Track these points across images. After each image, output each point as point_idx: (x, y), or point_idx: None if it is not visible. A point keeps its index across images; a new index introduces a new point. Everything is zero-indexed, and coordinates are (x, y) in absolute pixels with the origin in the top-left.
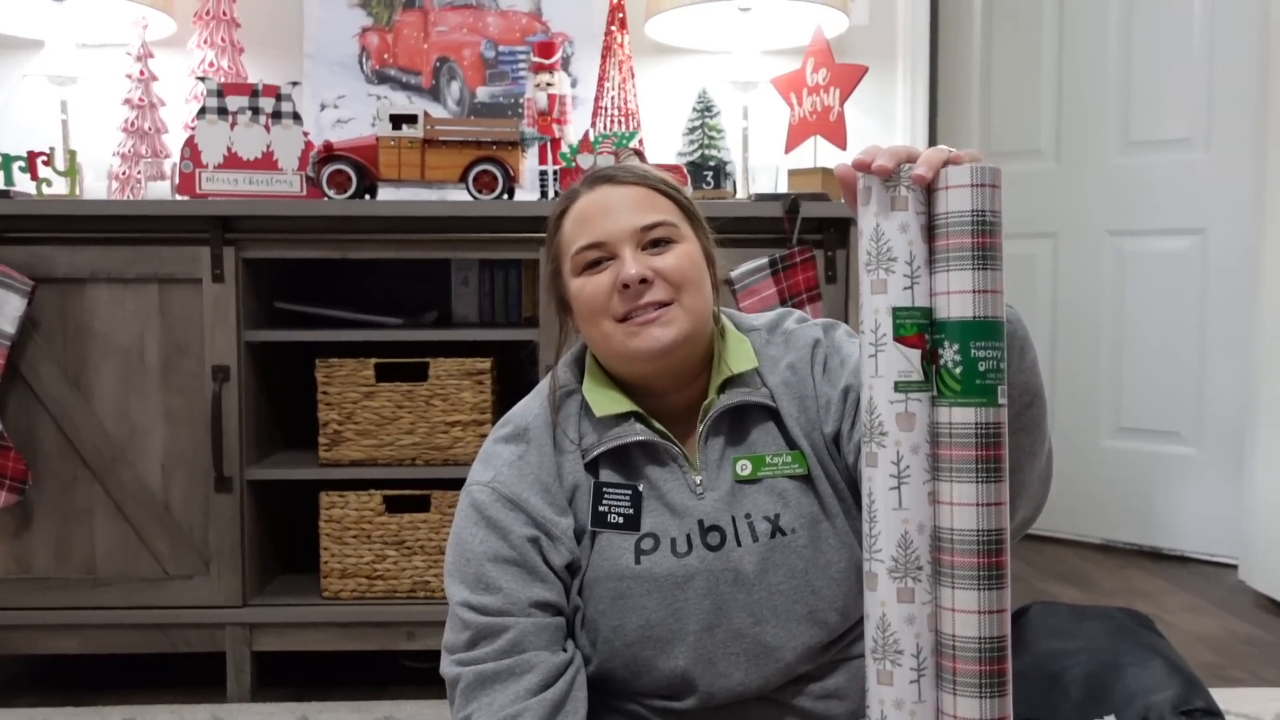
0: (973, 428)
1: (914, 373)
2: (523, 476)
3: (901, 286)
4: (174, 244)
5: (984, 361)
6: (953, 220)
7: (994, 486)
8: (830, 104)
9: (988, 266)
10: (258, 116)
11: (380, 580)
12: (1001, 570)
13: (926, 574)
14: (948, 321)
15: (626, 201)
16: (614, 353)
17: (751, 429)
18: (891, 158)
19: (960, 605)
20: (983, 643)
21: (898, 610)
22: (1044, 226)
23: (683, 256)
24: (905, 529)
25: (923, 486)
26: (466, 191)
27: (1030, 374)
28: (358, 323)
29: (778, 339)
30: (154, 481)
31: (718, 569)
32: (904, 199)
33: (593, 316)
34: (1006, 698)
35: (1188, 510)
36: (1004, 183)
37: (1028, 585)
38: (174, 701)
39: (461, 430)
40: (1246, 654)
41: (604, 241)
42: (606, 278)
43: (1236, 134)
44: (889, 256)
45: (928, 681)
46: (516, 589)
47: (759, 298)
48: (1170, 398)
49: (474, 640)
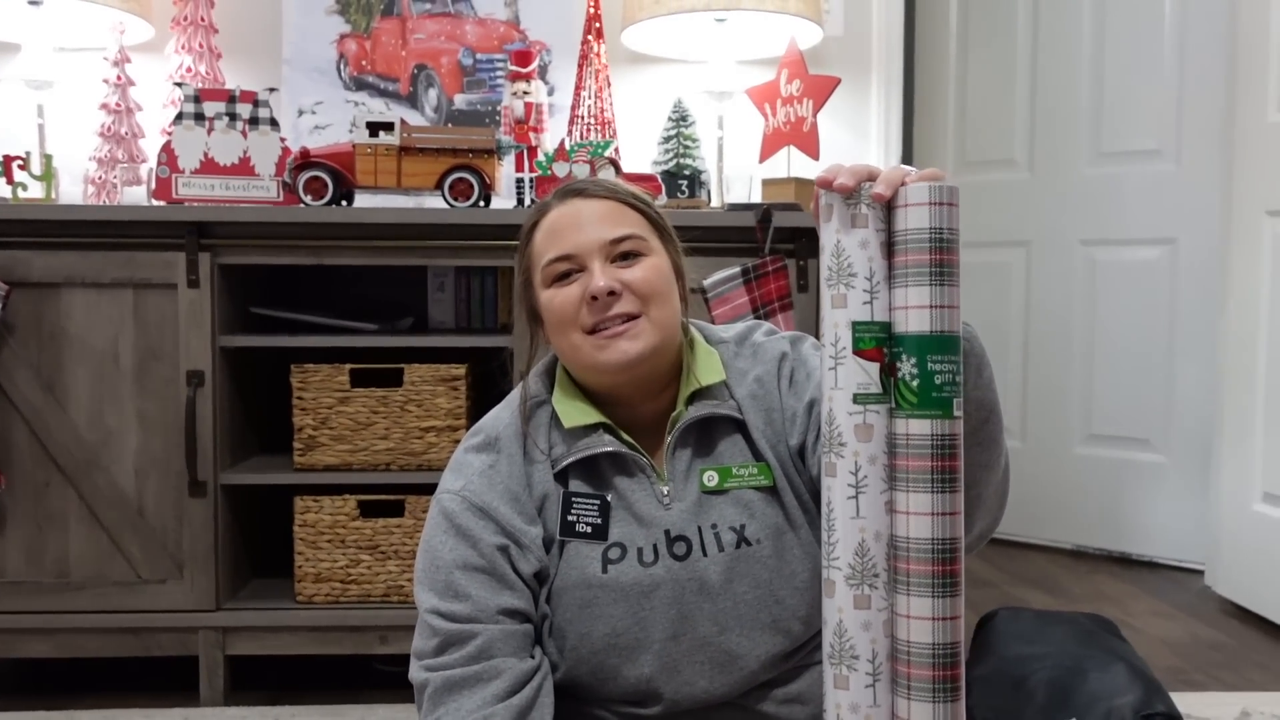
0: (929, 439)
1: (872, 385)
2: (493, 485)
3: (861, 301)
4: (150, 249)
5: (940, 375)
6: (911, 237)
7: (949, 496)
8: (804, 115)
9: (945, 282)
10: (235, 122)
11: (354, 585)
12: (955, 578)
13: (883, 581)
14: (906, 336)
15: (595, 214)
16: (582, 364)
17: (719, 441)
18: (853, 176)
19: (915, 612)
20: (937, 649)
21: (854, 616)
22: (1017, 235)
23: (651, 269)
24: (862, 537)
25: (880, 496)
26: (442, 199)
27: (986, 390)
28: (333, 328)
29: (746, 351)
30: (128, 486)
31: (683, 578)
32: (864, 216)
33: (562, 327)
34: (960, 703)
35: (1156, 516)
36: (978, 193)
37: (999, 590)
38: (147, 705)
39: (436, 436)
40: (1210, 659)
41: (573, 254)
42: (575, 290)
43: (1205, 146)
44: (849, 272)
45: (883, 686)
46: (485, 596)
47: (731, 306)
48: (1140, 405)
49: (442, 646)
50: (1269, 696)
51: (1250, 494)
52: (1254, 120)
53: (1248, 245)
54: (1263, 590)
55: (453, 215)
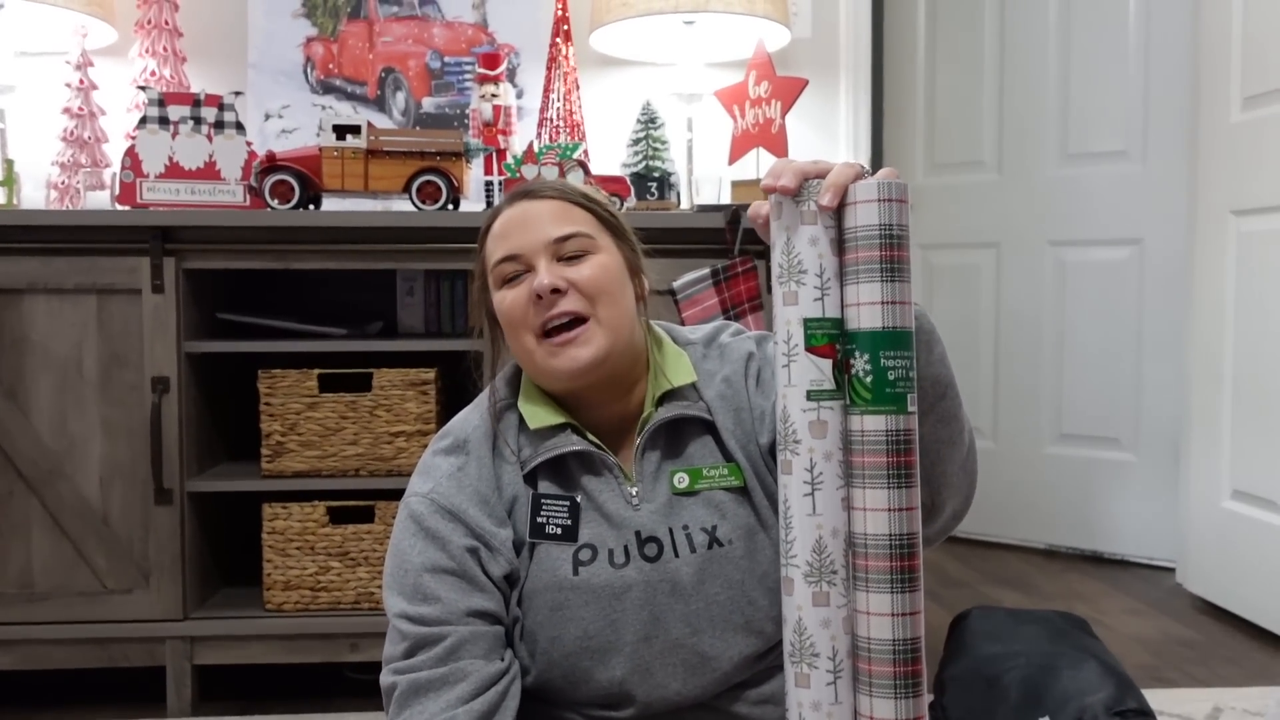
0: (884, 435)
1: (826, 382)
2: (461, 488)
3: (812, 298)
4: (113, 254)
5: (894, 370)
6: (861, 234)
7: (905, 492)
8: (772, 116)
9: (896, 279)
10: (200, 126)
11: (324, 592)
12: (914, 574)
13: (841, 578)
14: (858, 332)
15: (542, 214)
16: (537, 369)
17: (689, 442)
18: (795, 176)
19: (875, 609)
20: (897, 645)
21: (813, 614)
22: (987, 237)
23: (598, 267)
24: (819, 534)
25: (836, 492)
26: (410, 202)
27: (940, 366)
28: (301, 333)
29: (713, 352)
30: (92, 494)
31: (655, 580)
32: (812, 213)
33: (513, 329)
34: (921, 698)
35: (1127, 515)
36: (947, 194)
37: (971, 590)
38: (114, 717)
39: (406, 441)
40: (1181, 655)
41: (519, 253)
42: (523, 290)
43: (1170, 147)
44: (799, 269)
45: (844, 683)
46: (455, 599)
47: (701, 308)
48: (1109, 405)
49: (411, 650)
50: (1240, 692)
51: (1219, 491)
52: (1218, 120)
53: (1213, 244)
54: (1233, 587)
55: (421, 218)
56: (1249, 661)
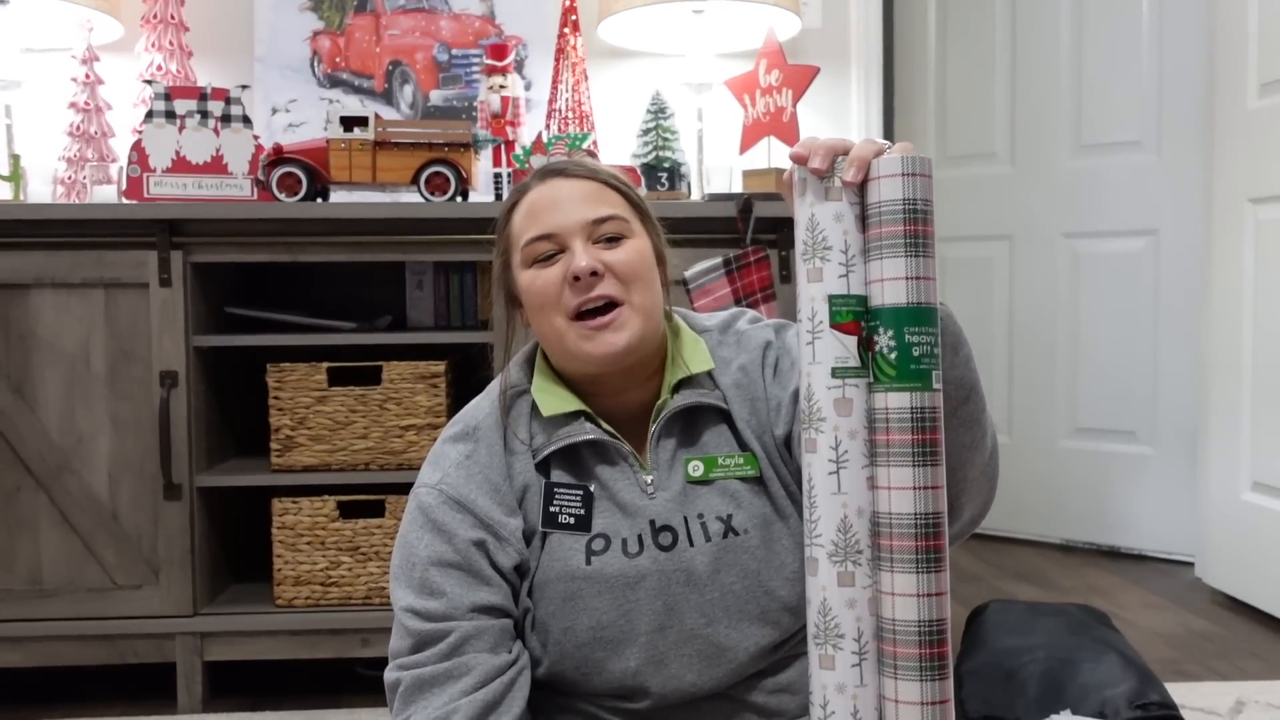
0: (908, 412)
1: (850, 359)
2: (470, 477)
3: (837, 275)
4: (120, 248)
5: (918, 347)
6: (885, 209)
7: (930, 470)
8: (783, 105)
9: (920, 254)
10: (207, 120)
11: (334, 587)
12: (939, 554)
13: (866, 558)
14: (882, 309)
15: (577, 194)
16: (566, 351)
17: (704, 430)
18: (826, 155)
19: (900, 589)
20: (922, 626)
21: (838, 594)
22: (1000, 229)
23: (633, 252)
24: (844, 513)
25: (861, 471)
26: (419, 194)
27: (965, 369)
28: (310, 327)
29: (729, 340)
30: (101, 490)
31: (669, 569)
32: (838, 189)
33: (544, 310)
34: (947, 680)
35: (1145, 509)
36: (960, 186)
37: (987, 585)
38: (123, 714)
39: (416, 434)
40: (1202, 649)
41: (554, 233)
42: (557, 271)
43: (1185, 136)
44: (824, 245)
45: (869, 665)
46: (460, 593)
47: (713, 297)
48: (1125, 397)
49: (417, 646)
50: (1263, 686)
51: (1239, 483)
52: (1234, 107)
53: (1230, 233)
54: (1254, 580)
55: (429, 210)
56: (1272, 655)
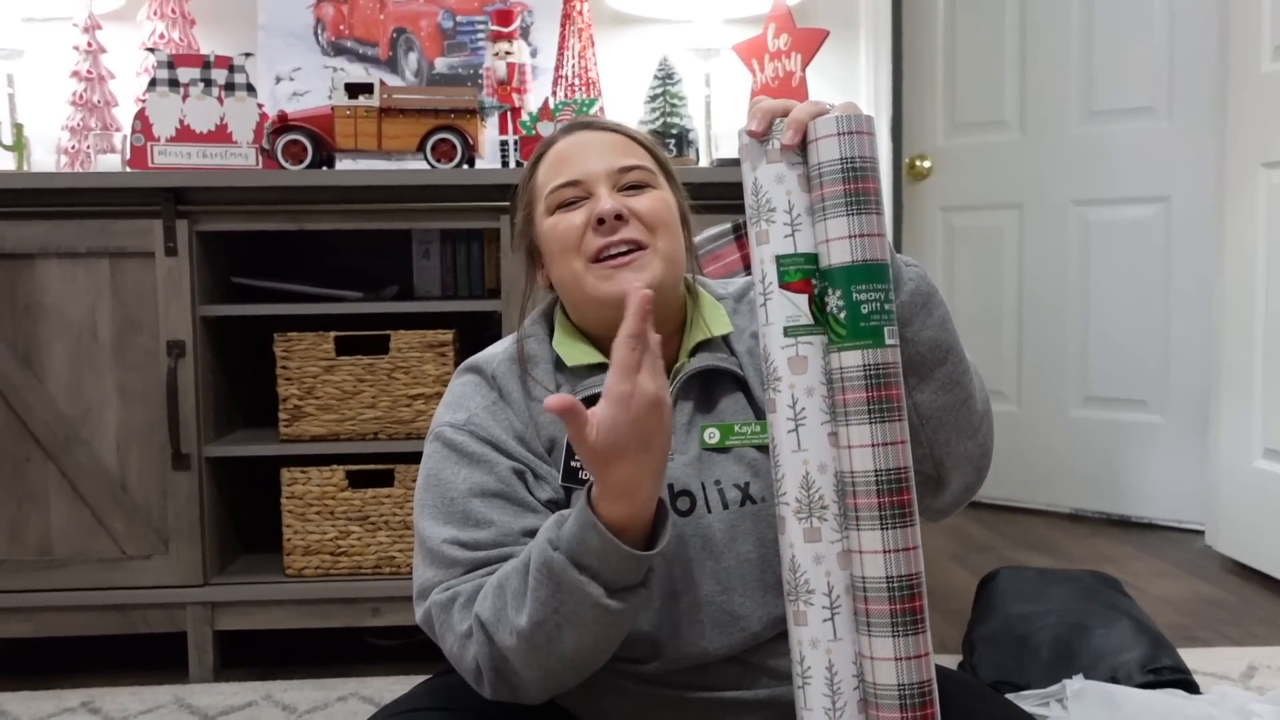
0: (862, 369)
1: (801, 317)
2: (498, 422)
3: (783, 235)
4: (125, 217)
5: (867, 304)
6: (825, 170)
7: (889, 426)
8: (792, 69)
9: (863, 211)
10: (210, 88)
11: (344, 556)
12: (905, 509)
13: (833, 513)
14: (830, 269)
15: (604, 144)
16: (585, 295)
17: (720, 397)
18: (764, 118)
19: (866, 546)
20: (891, 582)
21: (806, 550)
22: (1010, 197)
23: (658, 200)
24: (806, 470)
25: (821, 428)
26: (425, 160)
27: (939, 330)
28: (317, 297)
29: (744, 308)
30: (109, 460)
31: (687, 534)
32: (777, 151)
33: (564, 254)
34: (921, 635)
35: (1155, 478)
36: (970, 155)
37: (997, 554)
38: (135, 683)
39: (424, 403)
40: (1213, 616)
41: (580, 180)
42: (580, 215)
43: (1198, 102)
44: (769, 207)
45: (843, 619)
46: (508, 520)
47: (723, 263)
48: (1136, 366)
49: (469, 569)
50: (1275, 651)
51: (1250, 451)
52: (1248, 71)
53: (1243, 199)
54: (1265, 547)
55: (436, 177)
56: None
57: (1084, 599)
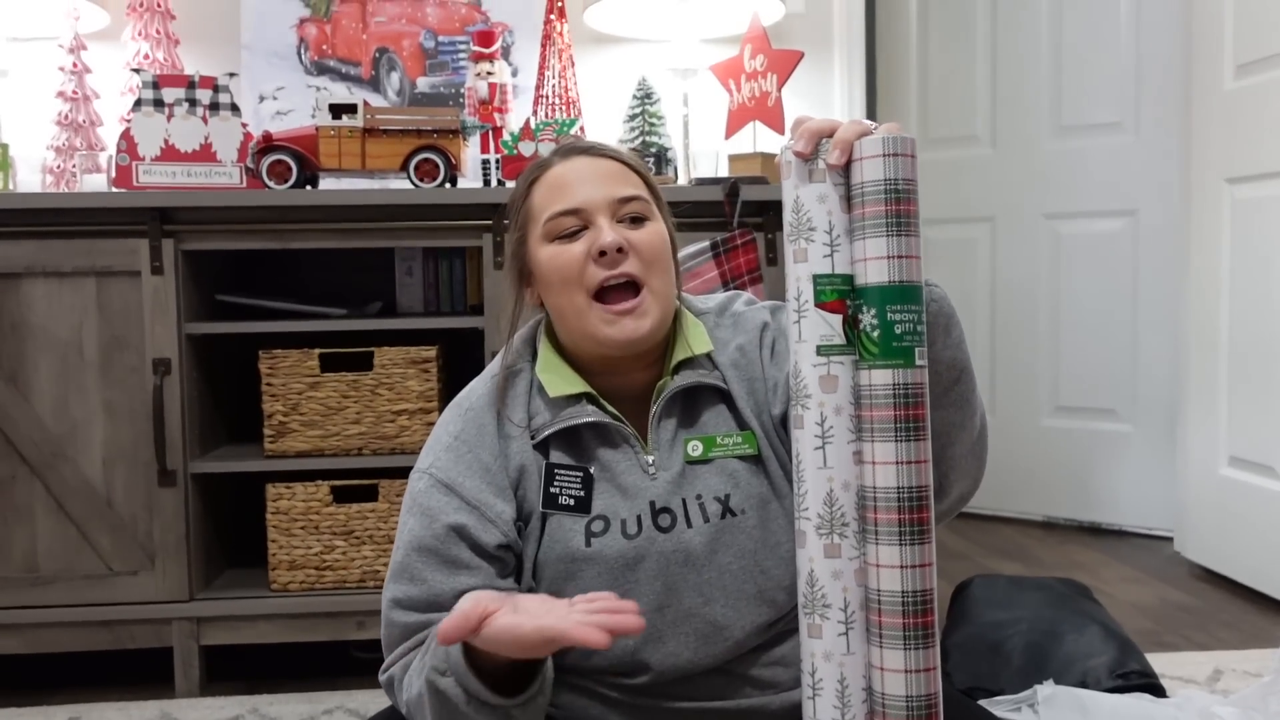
0: (891, 389)
1: (835, 337)
2: (460, 458)
3: (821, 255)
4: (111, 236)
5: (900, 324)
6: (868, 189)
7: (913, 445)
8: (768, 90)
9: (902, 233)
10: (195, 108)
11: (329, 571)
12: (924, 525)
13: (853, 530)
14: (866, 288)
15: (602, 172)
16: (585, 332)
17: (703, 410)
18: (811, 138)
19: (884, 561)
20: (906, 596)
21: (825, 565)
22: (982, 211)
23: (655, 235)
24: (830, 487)
25: (847, 446)
26: (408, 180)
27: (956, 350)
28: (301, 314)
29: (726, 321)
30: (95, 477)
31: (668, 550)
32: (821, 171)
33: (565, 286)
34: (932, 650)
35: (1125, 486)
36: (942, 169)
37: (971, 562)
38: (121, 699)
39: (408, 419)
40: (1181, 620)
41: (580, 208)
42: (580, 246)
43: (1164, 117)
44: (809, 226)
45: (856, 634)
46: (440, 580)
47: (701, 280)
48: (1106, 376)
49: (405, 636)
50: (1240, 654)
51: (1216, 459)
52: (1211, 88)
53: (1207, 213)
54: (1231, 553)
55: (419, 196)
56: (1248, 625)
57: (1055, 606)
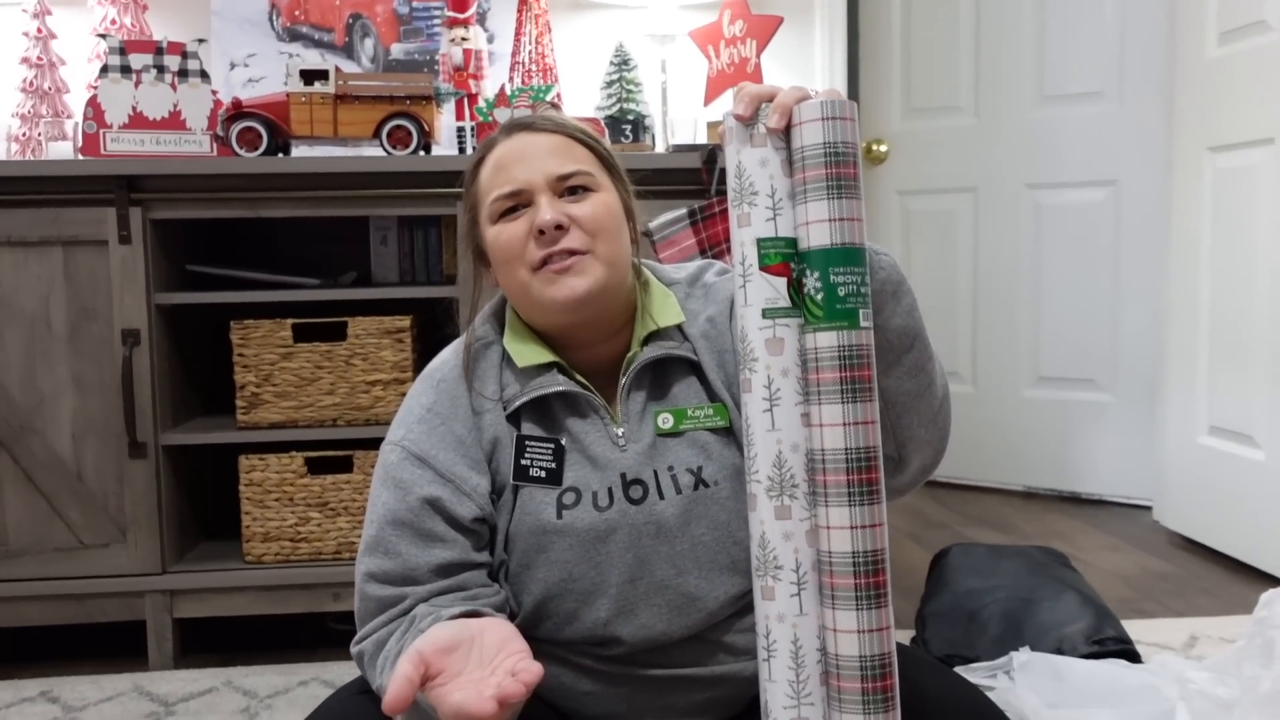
0: (836, 350)
1: (780, 299)
2: (432, 430)
3: (764, 219)
4: (78, 205)
5: (844, 286)
6: (808, 154)
7: (860, 406)
8: (748, 55)
9: (843, 196)
10: (163, 75)
11: (304, 543)
12: (873, 486)
13: (803, 492)
14: (809, 251)
15: (543, 149)
16: (531, 302)
17: (674, 383)
18: (750, 103)
19: (834, 522)
20: (857, 557)
21: (775, 527)
22: (964, 181)
23: (599, 205)
24: (779, 449)
25: (795, 408)
26: (381, 147)
27: (907, 317)
28: (274, 284)
29: (697, 292)
30: (65, 450)
31: (640, 522)
32: (762, 135)
33: (509, 264)
34: (884, 609)
35: (1104, 455)
36: (925, 140)
37: (951, 531)
38: (94, 672)
39: (382, 389)
40: (1159, 588)
41: (520, 189)
42: (522, 225)
43: (1147, 86)
44: (751, 190)
45: (809, 595)
46: (415, 553)
47: (679, 248)
48: (1086, 346)
49: (380, 609)
50: (1216, 621)
51: (1196, 428)
52: (1194, 57)
53: (1189, 182)
54: (1209, 521)
55: (393, 164)
56: (1224, 592)
57: (1032, 574)
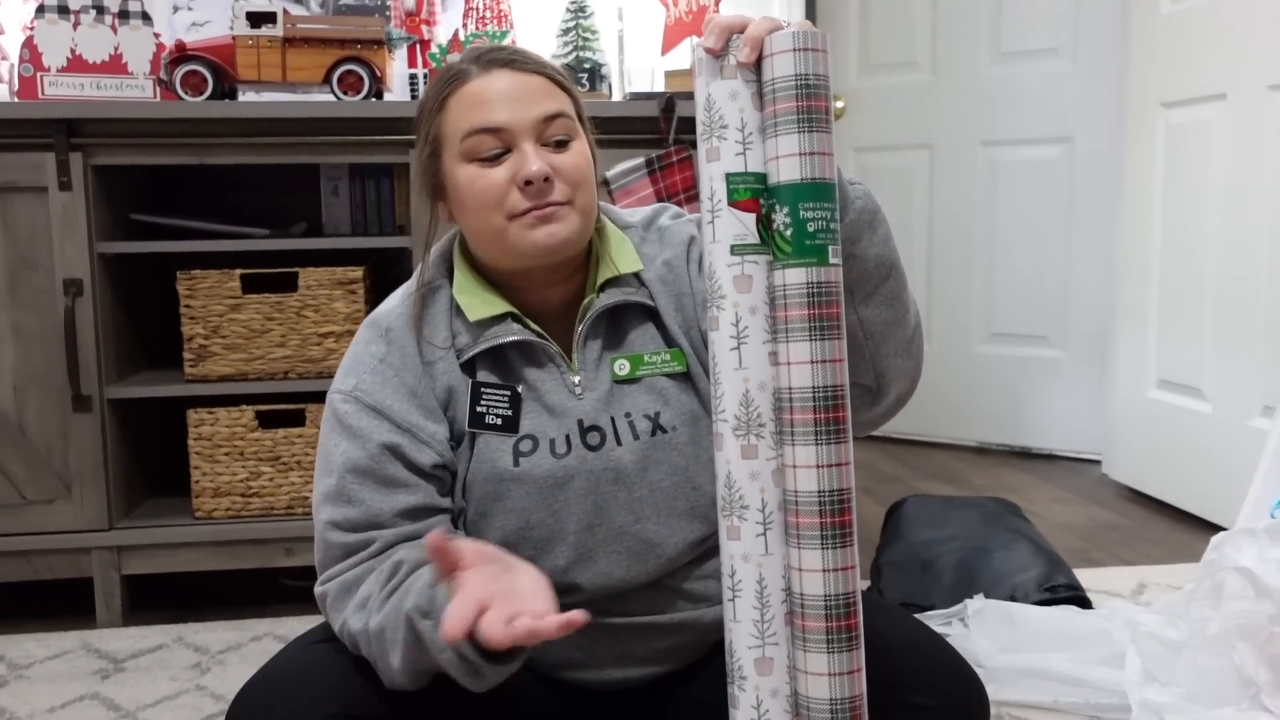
0: (804, 287)
1: (749, 236)
2: (386, 382)
3: (734, 153)
4: (15, 150)
5: (813, 222)
6: (779, 85)
7: (828, 344)
8: (705, 4)
9: (814, 129)
10: (103, 16)
11: (256, 498)
12: (840, 424)
13: (770, 431)
14: (778, 186)
15: (527, 89)
16: (504, 246)
17: (630, 329)
18: (720, 34)
19: (800, 461)
20: (823, 496)
21: (742, 466)
22: (920, 138)
23: (580, 156)
24: (746, 387)
25: (763, 347)
26: (331, 93)
27: (883, 246)
28: (222, 234)
29: (653, 236)
30: (6, 403)
31: (598, 469)
32: (732, 68)
33: (483, 210)
34: (849, 549)
35: (1056, 410)
36: (882, 96)
37: (905, 485)
38: (41, 630)
39: (335, 342)
40: (1108, 538)
41: (503, 128)
42: (503, 172)
43: (1102, 43)
44: (720, 124)
45: (775, 535)
46: (377, 500)
47: (637, 198)
48: (1039, 303)
49: (345, 555)
50: (1163, 569)
51: (1145, 382)
52: (1148, 12)
53: (1141, 138)
54: (1156, 474)
55: (343, 109)
56: (1171, 542)
57: (985, 524)
